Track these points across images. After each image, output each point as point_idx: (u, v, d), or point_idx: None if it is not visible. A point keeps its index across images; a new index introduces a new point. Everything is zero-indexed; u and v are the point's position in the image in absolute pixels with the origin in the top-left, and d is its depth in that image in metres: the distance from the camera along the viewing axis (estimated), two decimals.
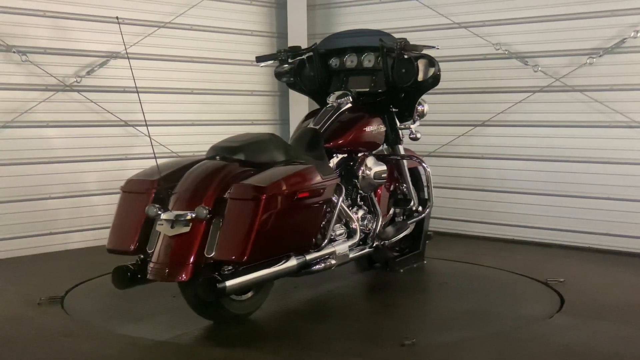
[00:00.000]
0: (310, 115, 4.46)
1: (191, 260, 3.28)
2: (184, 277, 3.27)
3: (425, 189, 4.84)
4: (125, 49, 4.36)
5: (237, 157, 3.62)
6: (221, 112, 6.42)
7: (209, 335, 3.61)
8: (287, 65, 4.65)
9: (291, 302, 4.16)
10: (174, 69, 6.13)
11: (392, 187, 4.68)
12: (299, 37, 6.60)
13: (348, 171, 4.30)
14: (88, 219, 5.71)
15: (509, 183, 5.90)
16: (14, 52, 5.27)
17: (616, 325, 3.70)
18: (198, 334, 3.61)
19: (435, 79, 4.46)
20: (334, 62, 4.61)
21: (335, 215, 3.87)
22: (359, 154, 4.36)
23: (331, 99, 4.38)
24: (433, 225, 6.37)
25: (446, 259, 5.24)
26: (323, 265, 3.77)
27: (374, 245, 4.31)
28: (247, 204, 3.31)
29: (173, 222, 3.31)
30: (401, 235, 4.56)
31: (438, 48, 4.42)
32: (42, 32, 5.42)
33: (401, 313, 3.98)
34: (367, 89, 4.52)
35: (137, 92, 3.77)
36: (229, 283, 3.28)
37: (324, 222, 3.79)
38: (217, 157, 3.65)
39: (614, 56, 5.36)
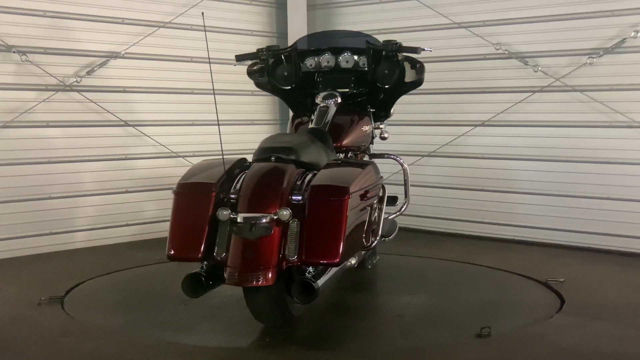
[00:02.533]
0: (298, 115, 4.41)
1: (275, 263, 3.21)
2: (268, 280, 3.20)
3: (403, 186, 4.79)
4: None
5: (291, 158, 3.55)
6: (221, 112, 6.38)
7: (209, 335, 3.61)
8: (257, 65, 4.55)
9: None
10: (174, 69, 6.13)
11: None
12: (299, 37, 6.59)
13: None
14: (88, 219, 5.72)
15: (508, 183, 5.90)
16: (14, 52, 5.27)
17: (616, 325, 3.70)
18: (198, 334, 3.61)
19: (420, 81, 4.46)
20: (309, 62, 4.50)
21: (383, 212, 3.89)
22: (356, 154, 4.37)
23: (319, 100, 4.35)
24: (433, 225, 6.40)
25: (446, 259, 5.24)
26: (371, 261, 3.73)
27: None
28: (332, 205, 3.26)
29: (252, 225, 3.19)
30: (396, 232, 4.56)
31: (431, 50, 4.41)
32: (42, 32, 5.42)
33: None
34: (347, 90, 4.49)
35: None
36: (320, 283, 3.26)
37: (375, 219, 3.82)
38: (272, 159, 3.55)
39: (614, 56, 5.37)
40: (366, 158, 4.47)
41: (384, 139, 4.62)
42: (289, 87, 4.51)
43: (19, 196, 5.35)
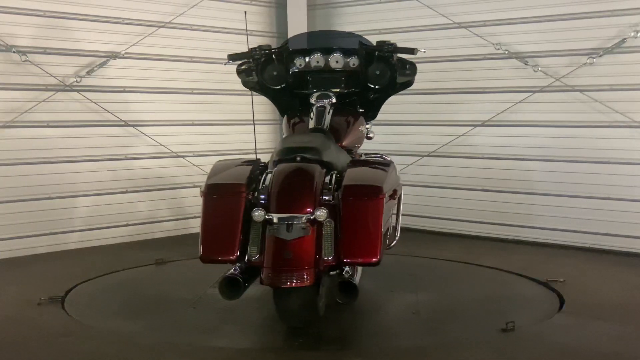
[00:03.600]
0: (292, 116, 4.39)
1: (313, 264, 3.21)
2: (308, 281, 3.20)
3: None
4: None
5: (316, 158, 3.53)
6: (221, 112, 6.42)
7: (209, 335, 3.61)
8: (246, 65, 4.52)
9: None
10: (174, 69, 6.14)
11: None
12: None
13: None
14: (88, 219, 5.72)
15: (509, 183, 5.90)
16: (14, 52, 5.27)
17: (616, 325, 3.70)
18: (198, 334, 3.61)
19: (411, 82, 4.48)
20: (298, 62, 4.45)
21: (401, 212, 3.93)
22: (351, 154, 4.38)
23: (313, 100, 4.34)
24: (433, 225, 6.40)
25: (446, 259, 5.24)
26: None
27: None
28: (368, 204, 3.29)
29: (289, 226, 3.19)
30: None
31: (425, 52, 4.42)
32: (42, 32, 5.42)
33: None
34: (338, 90, 4.48)
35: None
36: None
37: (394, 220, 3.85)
38: (298, 159, 3.52)
39: (614, 56, 5.36)
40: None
41: (369, 138, 4.62)
42: (279, 87, 4.47)
43: (19, 196, 5.36)
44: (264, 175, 3.50)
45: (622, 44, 5.30)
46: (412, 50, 4.39)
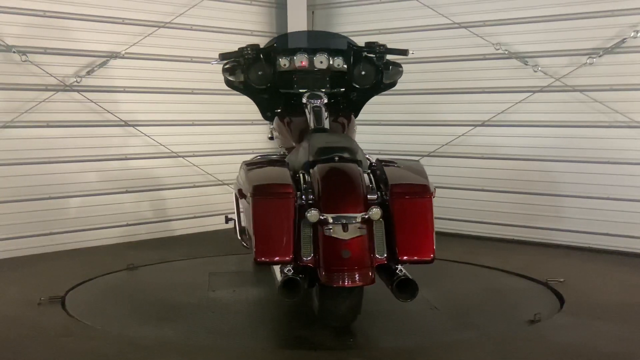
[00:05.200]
0: (284, 115, 4.38)
1: (371, 263, 3.22)
2: (369, 280, 3.21)
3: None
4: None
5: (353, 158, 3.54)
6: (221, 112, 6.42)
7: (209, 335, 3.61)
8: (230, 64, 4.48)
9: None
10: (174, 69, 6.14)
11: None
12: None
13: None
14: (88, 219, 5.72)
15: (509, 183, 5.90)
16: (14, 52, 5.27)
17: (616, 325, 3.70)
18: (198, 334, 3.61)
19: (395, 82, 4.52)
20: (283, 62, 4.43)
21: None
22: None
23: (305, 100, 4.35)
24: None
25: (446, 259, 5.23)
26: None
27: None
28: (420, 203, 3.32)
29: (345, 226, 3.20)
30: None
31: (413, 53, 4.48)
32: (42, 32, 5.42)
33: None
34: (323, 90, 4.44)
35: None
36: None
37: None
38: (336, 159, 3.51)
39: (614, 56, 5.37)
40: None
41: None
42: (264, 87, 4.45)
43: (19, 196, 5.36)
44: (300, 175, 3.49)
45: (622, 44, 5.30)
46: (404, 52, 4.45)
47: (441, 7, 6.11)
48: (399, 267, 3.30)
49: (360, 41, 4.47)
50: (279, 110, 4.48)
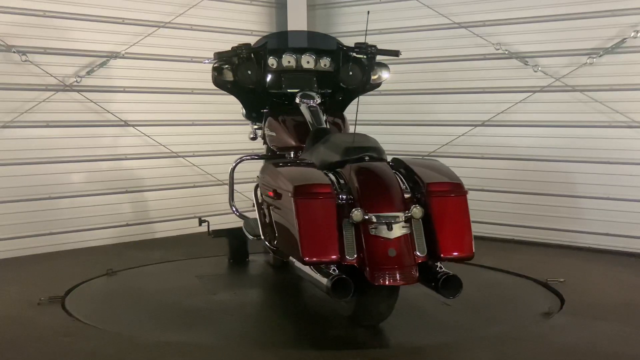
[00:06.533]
0: (278, 115, 4.39)
1: (415, 261, 3.25)
2: (416, 279, 3.24)
3: None
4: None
5: (381, 157, 3.58)
6: (221, 112, 6.41)
7: (210, 335, 3.61)
8: (219, 63, 4.51)
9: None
10: (174, 69, 6.13)
11: None
12: None
13: None
14: (88, 219, 5.71)
15: (509, 183, 5.90)
16: (14, 52, 5.27)
17: (616, 325, 3.70)
18: (198, 334, 3.61)
19: (381, 83, 4.58)
20: (270, 61, 4.48)
21: None
22: None
23: (298, 99, 4.34)
24: None
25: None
26: None
27: None
28: (457, 201, 3.41)
29: (390, 225, 3.22)
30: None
31: (400, 54, 4.53)
32: (42, 32, 5.42)
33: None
34: (311, 90, 4.49)
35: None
36: None
37: None
38: (367, 158, 3.54)
39: (614, 56, 5.36)
40: None
41: None
42: (252, 86, 4.47)
43: (19, 196, 5.35)
44: (329, 174, 3.49)
45: (622, 44, 5.30)
46: (395, 53, 4.50)
47: (441, 7, 6.11)
48: (438, 264, 3.33)
49: (361, 41, 4.46)
50: (266, 110, 4.53)
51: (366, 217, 3.22)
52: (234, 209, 4.66)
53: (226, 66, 4.42)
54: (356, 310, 3.55)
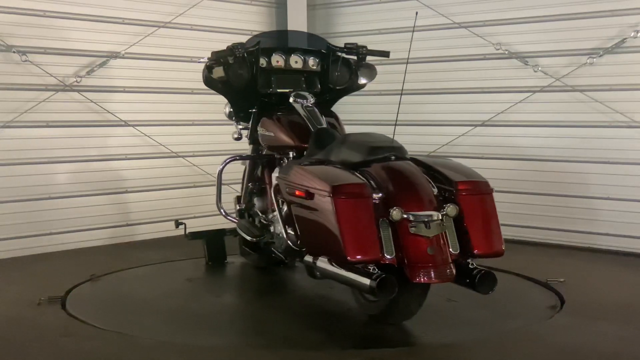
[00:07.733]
0: (272, 114, 4.38)
1: (450, 258, 3.29)
2: (453, 275, 3.27)
3: None
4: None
5: (405, 156, 3.61)
6: (221, 112, 6.40)
7: (210, 335, 3.61)
8: (210, 62, 4.51)
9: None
10: (174, 69, 6.13)
11: None
12: None
13: None
14: (88, 219, 5.71)
15: (508, 183, 5.89)
16: (14, 52, 5.27)
17: (616, 325, 3.70)
18: (198, 334, 3.61)
19: (365, 84, 4.63)
20: (261, 61, 4.48)
21: None
22: None
23: (292, 99, 4.35)
24: None
25: None
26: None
27: None
28: (486, 199, 3.46)
29: (427, 223, 3.25)
30: None
31: (389, 55, 4.59)
32: (42, 32, 5.42)
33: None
34: (301, 89, 4.51)
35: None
36: None
37: None
38: (392, 157, 3.56)
39: (614, 56, 5.37)
40: None
41: None
42: (243, 86, 4.46)
43: (19, 196, 5.35)
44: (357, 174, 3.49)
45: (622, 44, 5.30)
46: (385, 53, 4.54)
47: (441, 7, 6.11)
48: (470, 261, 3.35)
49: (361, 41, 4.49)
50: (254, 110, 4.53)
51: (405, 216, 3.25)
52: (222, 211, 4.63)
53: (218, 66, 4.41)
54: (387, 309, 3.56)
